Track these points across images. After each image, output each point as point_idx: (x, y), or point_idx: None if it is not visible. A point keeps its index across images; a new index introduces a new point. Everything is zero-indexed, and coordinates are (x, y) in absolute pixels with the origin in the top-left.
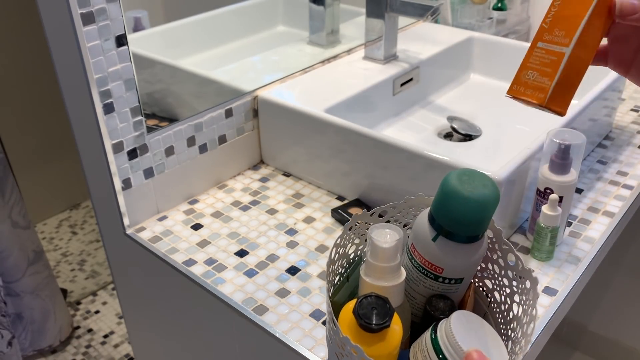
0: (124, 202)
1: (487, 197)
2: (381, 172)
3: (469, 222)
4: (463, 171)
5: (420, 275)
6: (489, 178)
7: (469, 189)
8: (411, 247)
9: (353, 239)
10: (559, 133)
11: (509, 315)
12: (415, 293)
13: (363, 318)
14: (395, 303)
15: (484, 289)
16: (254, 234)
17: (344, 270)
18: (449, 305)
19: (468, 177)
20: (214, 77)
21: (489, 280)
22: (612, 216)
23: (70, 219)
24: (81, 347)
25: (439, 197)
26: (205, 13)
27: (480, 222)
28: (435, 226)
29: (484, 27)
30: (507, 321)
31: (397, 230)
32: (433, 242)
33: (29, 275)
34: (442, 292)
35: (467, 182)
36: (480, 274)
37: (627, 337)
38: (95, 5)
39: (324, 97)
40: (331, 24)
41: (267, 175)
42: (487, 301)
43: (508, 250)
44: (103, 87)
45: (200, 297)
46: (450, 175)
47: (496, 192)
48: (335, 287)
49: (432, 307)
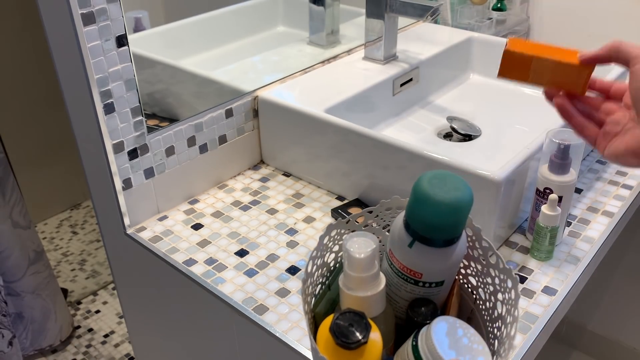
0: (125, 202)
1: (459, 200)
2: (381, 172)
3: (443, 226)
4: (434, 174)
5: (400, 280)
6: (461, 180)
7: (440, 192)
8: (389, 252)
9: (331, 247)
10: (558, 133)
11: (494, 313)
12: (397, 297)
13: (340, 337)
14: (377, 310)
15: (469, 285)
16: (254, 233)
17: (325, 279)
18: (431, 309)
19: (439, 180)
20: (214, 77)
21: (473, 277)
22: (612, 216)
23: (70, 219)
24: (82, 346)
25: (411, 203)
26: (206, 13)
27: (455, 225)
28: (410, 232)
29: (483, 28)
30: (493, 319)
31: (372, 238)
32: (409, 248)
33: (29, 275)
34: (424, 295)
35: (439, 185)
36: (465, 270)
37: (626, 337)
38: (96, 6)
39: (324, 97)
40: (331, 25)
41: (267, 175)
42: (473, 298)
43: (488, 248)
44: (103, 87)
45: (200, 297)
46: (421, 179)
47: (469, 194)
48: (317, 297)
49: (414, 312)
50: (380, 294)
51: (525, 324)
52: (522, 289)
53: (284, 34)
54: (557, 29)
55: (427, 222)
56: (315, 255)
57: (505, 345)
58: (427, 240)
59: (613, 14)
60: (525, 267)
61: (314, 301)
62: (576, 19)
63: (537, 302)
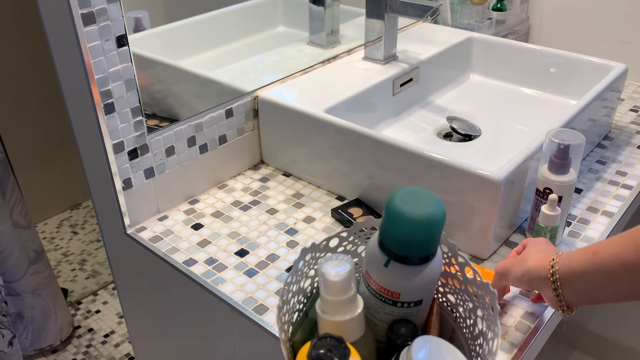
0: (125, 202)
1: (432, 216)
2: (381, 172)
3: (418, 243)
4: (406, 191)
5: (378, 302)
6: (433, 195)
7: (412, 209)
8: (366, 274)
9: (307, 272)
10: (558, 133)
11: (475, 330)
12: (376, 319)
13: None
14: (357, 335)
15: (448, 303)
16: (254, 233)
17: (302, 305)
18: (411, 329)
19: (411, 197)
20: (214, 77)
21: (452, 294)
22: (612, 216)
23: (70, 219)
24: (82, 346)
25: (385, 221)
26: (206, 13)
27: (429, 241)
28: (385, 251)
29: (483, 28)
30: (474, 336)
31: (348, 260)
32: (386, 268)
33: (29, 275)
34: (403, 316)
35: (410, 202)
36: (443, 289)
37: (626, 337)
38: (96, 6)
39: (324, 97)
40: (331, 25)
41: (267, 175)
42: (454, 316)
43: (464, 264)
44: (104, 88)
45: (200, 297)
46: (393, 196)
47: (441, 209)
48: (295, 324)
49: (393, 333)
50: (359, 317)
51: (525, 324)
52: None
53: (284, 34)
54: (557, 29)
55: (401, 240)
56: (290, 281)
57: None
58: (402, 259)
59: (613, 14)
60: None
61: (291, 329)
62: (576, 19)
63: (536, 302)
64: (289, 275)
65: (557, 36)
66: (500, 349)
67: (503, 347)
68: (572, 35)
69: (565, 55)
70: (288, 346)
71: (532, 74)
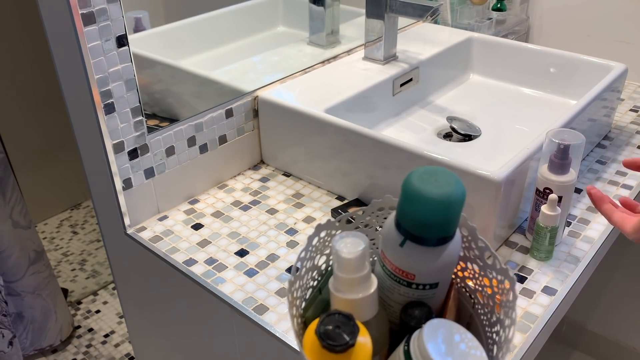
0: (125, 202)
1: (451, 195)
2: (381, 172)
3: (435, 223)
4: (424, 170)
5: (393, 282)
6: (453, 175)
7: (431, 188)
8: (381, 254)
9: (322, 249)
10: (558, 133)
11: (492, 318)
12: (391, 301)
13: (326, 339)
14: (369, 314)
15: (467, 289)
16: (254, 233)
17: (316, 282)
18: (425, 312)
19: (430, 175)
20: (214, 77)
21: (471, 280)
22: None
23: (71, 219)
24: (82, 346)
25: (401, 200)
26: (206, 13)
27: (447, 222)
28: (401, 231)
29: (483, 28)
30: (492, 323)
31: (363, 238)
32: (401, 248)
33: (29, 275)
34: (418, 298)
35: (429, 181)
36: (462, 273)
37: (626, 337)
38: (96, 6)
39: (324, 97)
40: (331, 25)
41: (267, 175)
42: (472, 302)
43: (484, 248)
44: (104, 88)
45: (200, 297)
46: (411, 175)
47: (461, 189)
48: (308, 300)
49: (407, 315)
50: (372, 296)
51: (525, 324)
52: (522, 289)
53: (284, 34)
54: (557, 29)
55: (418, 219)
56: (303, 256)
57: (503, 349)
58: (419, 239)
59: (613, 14)
60: (525, 267)
61: (304, 305)
62: (576, 19)
63: (536, 302)
64: (302, 250)
65: (557, 36)
66: None
67: None
68: (572, 35)
69: (565, 55)
70: (299, 322)
71: (532, 74)
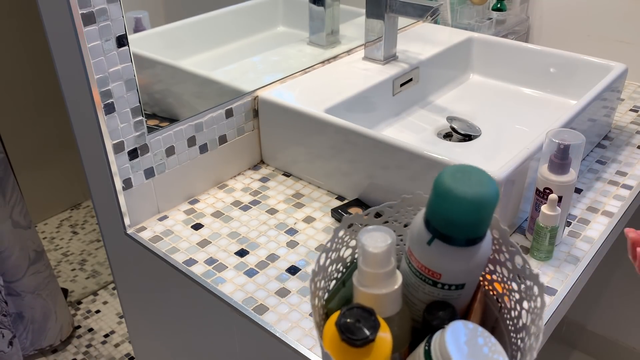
0: (125, 202)
1: (484, 195)
2: (381, 172)
3: (465, 223)
4: (457, 168)
5: (418, 280)
6: (486, 174)
7: (463, 187)
8: (408, 251)
9: (348, 241)
10: (558, 133)
11: (519, 323)
12: (415, 299)
13: (345, 332)
14: (392, 310)
15: (494, 292)
16: (254, 233)
17: (340, 274)
18: (449, 313)
19: (463, 174)
20: (214, 77)
21: (499, 284)
22: (611, 216)
23: (71, 219)
24: (82, 346)
25: (432, 198)
26: (206, 13)
27: (478, 223)
28: (430, 229)
29: (483, 28)
30: (517, 329)
31: (389, 233)
32: (429, 246)
33: (29, 275)
34: (443, 298)
35: (462, 180)
36: (490, 276)
37: (625, 337)
38: (96, 6)
39: (324, 97)
40: (331, 25)
41: (267, 175)
42: (498, 306)
43: (515, 252)
44: (104, 88)
45: (200, 297)
46: (444, 173)
47: (494, 189)
48: (330, 292)
49: (430, 315)
50: (396, 292)
51: None
52: None
53: (284, 34)
54: (557, 29)
55: (447, 218)
56: (329, 247)
57: (527, 357)
58: (447, 238)
59: (613, 14)
60: None
61: (326, 296)
62: (576, 19)
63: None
64: (328, 241)
65: (557, 36)
66: None
67: None
68: (572, 35)
69: (565, 55)
70: (321, 313)
71: (532, 74)
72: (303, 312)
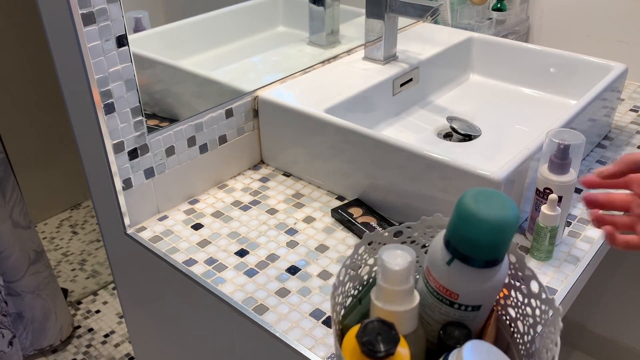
0: (125, 202)
1: (505, 219)
2: (381, 172)
3: (485, 245)
4: (479, 191)
5: (435, 300)
6: (508, 198)
7: (485, 210)
8: (426, 270)
9: (366, 259)
10: (558, 133)
11: (532, 348)
12: (431, 319)
13: (366, 345)
14: (408, 329)
15: (507, 317)
16: (254, 233)
17: (356, 292)
18: (464, 333)
19: (485, 197)
20: (214, 77)
21: (512, 308)
22: None
23: (70, 219)
24: (82, 346)
25: (454, 219)
26: (206, 13)
27: (498, 245)
28: (450, 249)
29: (483, 28)
30: (530, 354)
31: (410, 252)
32: (448, 266)
33: (29, 275)
34: (459, 319)
35: (484, 202)
36: (504, 301)
37: (626, 337)
38: (96, 6)
39: (324, 97)
40: (331, 25)
41: (267, 175)
42: (511, 331)
43: (531, 277)
44: (104, 88)
45: (200, 297)
46: (466, 195)
47: (515, 214)
48: (347, 309)
49: (446, 334)
50: (413, 311)
51: None
52: None
53: (284, 34)
54: (557, 29)
55: (469, 239)
56: (348, 264)
57: None
58: (467, 259)
59: (613, 14)
60: None
61: (343, 312)
62: (576, 19)
63: None
64: (348, 257)
65: (557, 36)
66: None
67: None
68: (572, 35)
69: (565, 55)
70: (338, 328)
71: (532, 74)
72: (303, 312)
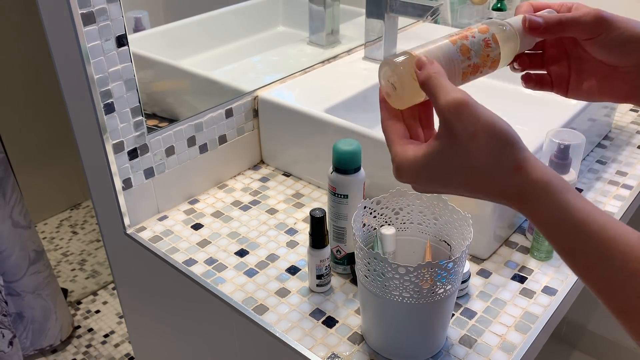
0: (125, 202)
1: (353, 149)
2: (381, 172)
3: (345, 161)
4: (342, 140)
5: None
6: (354, 140)
7: (343, 146)
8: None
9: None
10: (558, 133)
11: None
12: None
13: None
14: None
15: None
16: (254, 233)
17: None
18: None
19: (345, 141)
20: (214, 77)
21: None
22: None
23: (70, 219)
24: (82, 346)
25: (333, 151)
26: (206, 13)
27: (353, 161)
28: (333, 167)
29: None
30: None
31: None
32: (331, 174)
33: (29, 275)
34: (336, 205)
35: (344, 143)
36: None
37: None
38: (96, 6)
39: (324, 97)
40: (331, 25)
41: (267, 175)
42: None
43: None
44: (103, 87)
45: (200, 297)
46: (337, 142)
47: (358, 146)
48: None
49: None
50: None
51: (525, 323)
52: (522, 289)
53: (284, 34)
54: None
55: (338, 160)
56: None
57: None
58: (340, 171)
59: None
60: (525, 267)
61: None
62: None
63: (537, 302)
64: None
65: None
66: (500, 349)
67: (503, 347)
68: None
69: None
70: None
71: None
72: (303, 312)
